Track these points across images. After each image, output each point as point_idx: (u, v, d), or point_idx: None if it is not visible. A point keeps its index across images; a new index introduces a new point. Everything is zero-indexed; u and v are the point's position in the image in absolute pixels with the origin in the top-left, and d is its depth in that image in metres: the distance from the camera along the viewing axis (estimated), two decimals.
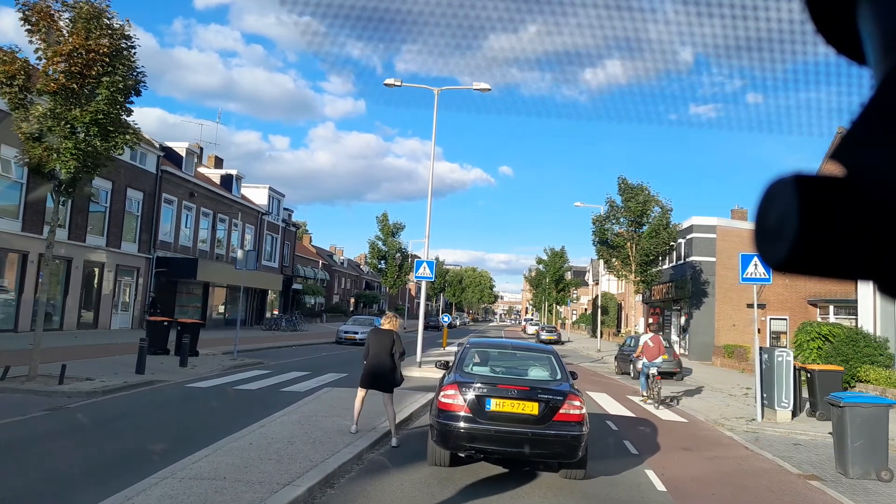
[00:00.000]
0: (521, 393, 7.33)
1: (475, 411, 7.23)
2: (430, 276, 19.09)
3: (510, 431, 7.16)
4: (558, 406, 7.24)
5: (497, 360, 8.96)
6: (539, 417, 7.20)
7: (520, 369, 8.66)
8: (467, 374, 7.93)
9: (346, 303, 76.18)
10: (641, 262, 27.48)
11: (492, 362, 8.75)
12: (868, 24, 0.63)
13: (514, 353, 9.67)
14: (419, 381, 17.15)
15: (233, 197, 39.46)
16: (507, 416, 7.23)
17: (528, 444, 7.15)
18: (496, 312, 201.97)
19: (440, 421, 7.30)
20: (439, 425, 7.30)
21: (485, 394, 7.31)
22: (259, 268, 43.25)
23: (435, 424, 7.42)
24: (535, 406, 7.23)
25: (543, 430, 7.15)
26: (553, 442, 7.17)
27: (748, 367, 26.41)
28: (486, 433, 7.15)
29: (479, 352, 8.97)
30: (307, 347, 28.18)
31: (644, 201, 26.92)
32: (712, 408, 15.45)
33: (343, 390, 13.43)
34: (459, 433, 7.18)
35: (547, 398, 7.29)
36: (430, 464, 7.82)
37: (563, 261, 56.86)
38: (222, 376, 16.06)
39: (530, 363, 8.83)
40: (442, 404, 7.37)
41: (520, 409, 7.24)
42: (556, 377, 8.15)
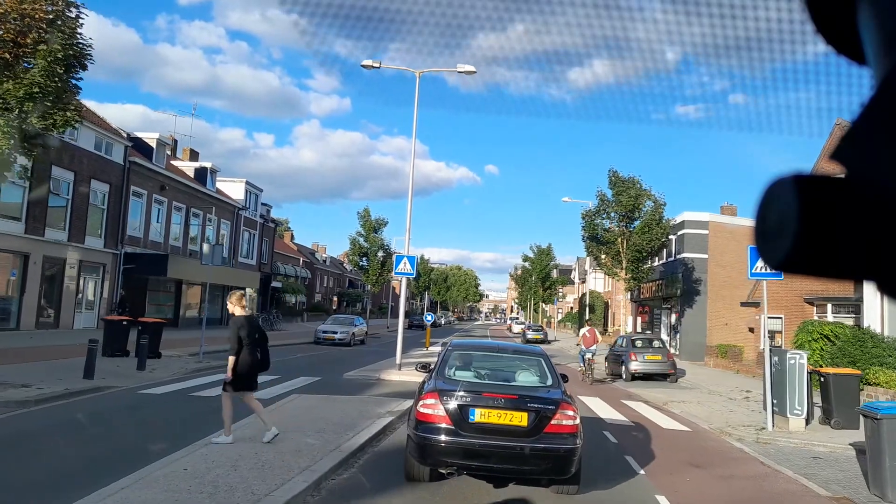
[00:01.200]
0: (508, 402, 6.55)
1: (457, 423, 6.46)
2: (411, 272, 17.81)
3: (497, 445, 6.40)
4: (550, 416, 6.50)
5: (482, 363, 8.13)
6: (529, 429, 6.44)
7: (507, 373, 7.83)
8: (449, 379, 7.16)
9: (328, 301, 74.63)
10: (632, 259, 26.34)
11: (476, 366, 7.92)
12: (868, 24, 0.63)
13: (501, 355, 8.78)
14: (398, 385, 15.84)
15: (207, 191, 37.90)
16: (493, 429, 6.47)
17: (516, 460, 6.43)
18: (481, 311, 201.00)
19: (418, 433, 6.53)
20: (417, 438, 6.54)
21: (468, 403, 6.54)
22: (235, 265, 41.78)
23: (412, 437, 6.65)
24: (525, 416, 6.48)
25: (533, 443, 6.38)
26: (544, 456, 6.42)
27: (744, 368, 25.37)
28: (470, 447, 6.39)
29: (462, 354, 8.20)
30: (282, 348, 26.75)
31: (636, 195, 25.79)
32: (714, 414, 14.29)
33: (311, 398, 12.10)
34: (440, 448, 6.45)
35: (537, 407, 6.54)
36: (408, 479, 7.07)
37: (549, 258, 55.72)
38: (182, 381, 14.67)
39: (518, 366, 8.01)
40: (420, 415, 6.59)
41: (507, 421, 6.49)
42: (547, 382, 7.45)
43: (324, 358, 23.49)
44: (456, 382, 6.95)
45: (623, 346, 22.71)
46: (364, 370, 17.86)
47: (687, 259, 32.00)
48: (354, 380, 16.42)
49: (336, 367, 19.00)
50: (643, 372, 21.42)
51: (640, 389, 18.97)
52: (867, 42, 0.64)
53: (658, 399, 16.78)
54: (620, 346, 23.08)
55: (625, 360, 21.66)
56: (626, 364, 21.47)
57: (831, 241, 0.56)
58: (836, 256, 0.57)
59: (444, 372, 7.41)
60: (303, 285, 64.15)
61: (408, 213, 18.23)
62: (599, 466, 8.64)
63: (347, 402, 11.79)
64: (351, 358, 23.37)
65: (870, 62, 0.65)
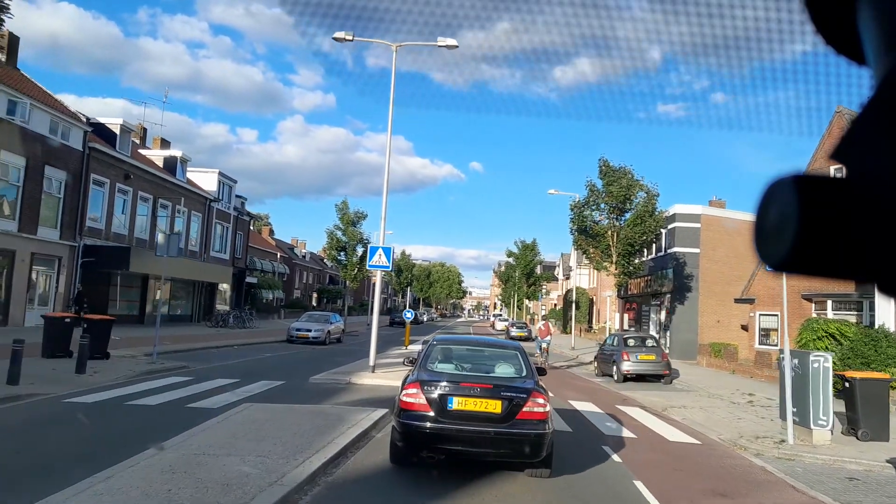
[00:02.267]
0: (483, 391, 7.04)
1: (437, 410, 6.96)
2: (387, 265, 16.21)
3: (473, 431, 6.90)
4: (522, 404, 6.95)
5: (463, 357, 8.54)
6: (502, 416, 6.93)
7: (486, 366, 8.27)
8: (430, 371, 7.62)
9: (307, 298, 72.74)
10: (623, 253, 24.88)
11: (457, 360, 8.32)
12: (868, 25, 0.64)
13: (482, 349, 9.20)
14: (369, 391, 14.22)
15: (177, 181, 35.95)
16: (469, 415, 6.95)
17: (491, 444, 6.97)
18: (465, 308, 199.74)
19: (401, 420, 7.09)
20: (401, 426, 7.10)
21: (447, 392, 7.03)
22: (206, 259, 39.89)
23: (397, 425, 7.21)
24: (499, 404, 6.95)
25: (507, 428, 6.89)
26: (516, 440, 6.91)
27: (740, 368, 24.05)
28: (449, 433, 6.90)
29: (444, 349, 8.65)
30: (252, 347, 25.05)
31: (627, 185, 24.33)
32: (722, 422, 12.85)
33: (266, 408, 10.46)
34: (421, 433, 6.95)
35: (510, 396, 7.01)
36: (392, 462, 7.63)
37: (534, 254, 54.26)
38: (125, 386, 12.95)
39: (497, 360, 8.43)
40: (404, 403, 7.13)
41: (482, 408, 6.97)
42: (522, 374, 7.84)
43: (294, 358, 21.81)
44: (436, 374, 7.46)
45: (614, 345, 21.28)
46: (334, 373, 16.23)
47: (678, 253, 30.67)
48: (321, 384, 14.79)
49: (304, 369, 17.36)
50: (636, 373, 20.01)
51: (635, 392, 17.53)
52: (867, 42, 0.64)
53: (656, 404, 15.34)
54: (611, 345, 21.64)
55: (616, 360, 20.23)
56: (618, 364, 20.03)
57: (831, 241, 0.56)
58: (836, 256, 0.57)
59: (426, 365, 7.85)
60: (280, 281, 62.25)
61: (383, 200, 16.65)
62: (606, 495, 7.11)
63: (306, 413, 10.17)
64: (323, 358, 21.73)
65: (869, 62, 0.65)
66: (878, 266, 0.57)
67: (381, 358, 21.46)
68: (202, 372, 15.95)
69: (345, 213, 37.87)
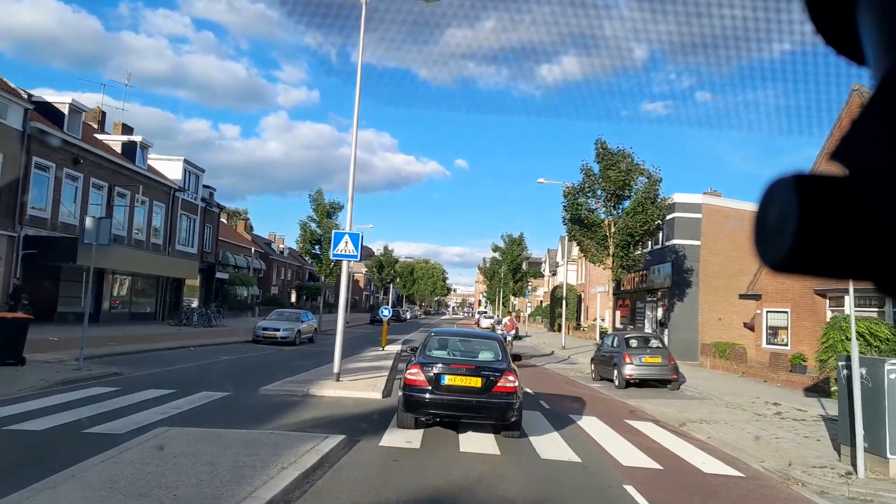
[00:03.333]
0: (468, 370, 9.25)
1: (433, 385, 9.14)
2: (354, 255, 13.78)
3: (460, 399, 9.10)
4: (496, 380, 9.12)
5: (454, 346, 10.76)
6: (481, 389, 9.09)
7: (471, 353, 10.49)
8: (428, 356, 9.89)
9: (285, 295, 69.99)
10: (622, 244, 22.57)
11: (450, 347, 10.61)
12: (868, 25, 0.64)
13: (469, 340, 11.31)
14: (330, 406, 11.77)
15: (136, 168, 33.22)
16: (457, 388, 9.13)
17: (473, 409, 9.14)
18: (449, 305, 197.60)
19: (407, 393, 9.23)
20: (406, 396, 9.23)
21: (441, 371, 9.22)
22: (171, 252, 37.18)
23: (402, 396, 9.33)
24: (479, 380, 9.13)
25: (485, 398, 9.07)
26: (492, 407, 9.08)
27: (750, 371, 21.87)
28: (441, 401, 9.09)
29: (439, 339, 10.91)
30: (211, 348, 22.50)
31: (627, 170, 22.04)
32: (758, 443, 10.57)
33: (184, 435, 8.00)
34: (421, 401, 9.13)
35: (488, 374, 9.21)
36: (399, 426, 9.63)
37: (521, 248, 51.85)
38: (23, 401, 10.42)
39: (480, 348, 10.71)
40: (408, 380, 9.29)
41: (467, 383, 9.14)
42: (499, 359, 10.06)
43: (253, 362, 19.31)
44: (433, 358, 9.76)
45: (614, 346, 18.99)
46: (291, 382, 13.76)
47: (677, 246, 28.47)
48: (273, 396, 12.33)
49: (260, 376, 14.90)
50: (640, 377, 17.75)
51: (642, 401, 15.27)
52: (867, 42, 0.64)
53: (670, 417, 13.07)
54: (611, 346, 19.35)
55: (617, 363, 17.94)
56: (620, 367, 17.75)
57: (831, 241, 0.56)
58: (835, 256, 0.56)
59: (426, 351, 10.15)
60: (255, 277, 59.53)
61: (351, 176, 14.17)
62: None
63: (234, 442, 7.73)
64: (287, 362, 19.26)
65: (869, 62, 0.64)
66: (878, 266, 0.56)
67: (353, 361, 19.03)
68: (135, 380, 13.43)
69: (319, 203, 35.37)
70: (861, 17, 0.64)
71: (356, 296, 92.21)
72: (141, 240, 34.11)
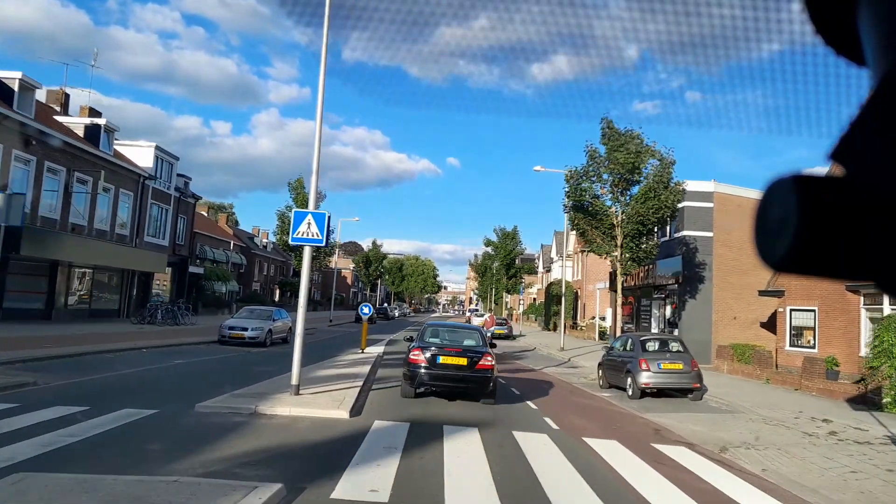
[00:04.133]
0: (457, 352, 12.41)
1: (430, 363, 12.12)
2: (319, 239, 11.25)
3: (450, 374, 12.19)
4: (478, 360, 12.24)
5: (445, 334, 13.96)
6: (467, 366, 12.19)
7: (459, 339, 13.61)
8: (426, 342, 12.92)
9: (267, 291, 67.27)
10: (632, 234, 20.06)
11: (442, 335, 13.81)
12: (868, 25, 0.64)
13: (456, 330, 14.75)
14: (280, 429, 9.20)
15: (100, 153, 30.47)
16: (448, 365, 12.20)
17: (460, 382, 12.26)
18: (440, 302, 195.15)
19: (410, 369, 12.23)
20: (409, 372, 12.25)
21: (435, 353, 12.26)
22: (139, 244, 34.51)
23: (406, 372, 12.36)
24: (465, 360, 12.25)
25: (470, 373, 12.17)
26: (475, 380, 12.18)
27: (777, 377, 19.50)
28: (436, 375, 12.13)
29: (433, 329, 14.09)
30: (166, 350, 19.92)
31: (636, 152, 19.58)
32: (835, 480, 8.14)
33: (53, 482, 5.47)
34: (420, 375, 12.09)
35: (472, 355, 12.33)
36: (402, 397, 12.44)
37: (514, 242, 49.27)
38: None
39: (465, 336, 13.94)
40: (411, 360, 12.30)
41: (456, 361, 12.26)
42: (480, 344, 13.17)
43: (208, 367, 16.77)
44: (430, 343, 12.88)
45: (627, 349, 16.55)
46: (240, 395, 11.20)
47: (688, 238, 26.06)
48: (211, 415, 9.79)
49: (208, 386, 12.37)
50: (658, 386, 15.36)
51: (664, 416, 12.87)
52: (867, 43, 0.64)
53: (705, 438, 10.67)
54: (623, 349, 16.92)
55: (632, 370, 15.51)
56: (634, 375, 15.32)
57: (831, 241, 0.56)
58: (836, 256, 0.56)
59: (424, 338, 13.23)
60: (236, 273, 56.85)
61: (317, 130, 11.59)
62: None
63: (118, 498, 5.21)
64: (250, 367, 16.75)
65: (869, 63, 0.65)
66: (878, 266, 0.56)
67: (324, 367, 16.51)
68: (45, 393, 10.87)
69: (299, 192, 32.77)
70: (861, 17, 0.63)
71: (343, 293, 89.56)
72: (104, 230, 31.40)
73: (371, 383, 14.30)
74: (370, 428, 9.52)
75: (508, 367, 21.60)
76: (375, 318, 58.31)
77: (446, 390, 12.54)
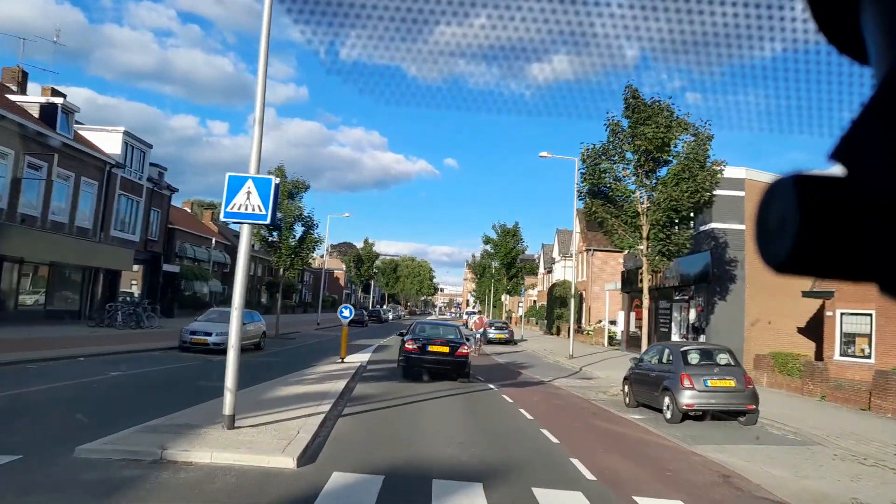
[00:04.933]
0: (441, 342, 16.42)
1: (421, 350, 16.12)
2: (262, 214, 8.15)
3: (436, 359, 16.14)
4: (457, 348, 16.38)
5: (432, 330, 17.86)
6: (449, 353, 16.22)
7: (442, 333, 17.48)
8: (417, 334, 16.90)
9: (255, 292, 64.06)
10: (663, 223, 16.93)
11: (429, 331, 17.64)
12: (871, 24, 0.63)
13: (438, 326, 18.88)
14: (183, 495, 6.04)
15: (58, 136, 27.32)
16: (435, 353, 16.17)
17: (444, 364, 16.18)
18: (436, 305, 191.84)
19: (406, 356, 16.19)
20: (404, 357, 16.32)
21: (425, 343, 16.30)
22: (104, 239, 31.34)
23: (402, 358, 16.54)
24: (448, 348, 16.30)
25: (451, 358, 16.21)
26: (455, 363, 16.26)
27: (835, 394, 16.42)
28: (425, 360, 16.08)
29: (421, 326, 18.26)
30: (111, 359, 16.80)
31: (666, 126, 16.52)
32: None
33: None
34: (413, 360, 16.12)
35: (452, 345, 16.43)
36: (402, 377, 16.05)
37: (516, 240, 46.00)
38: None
39: (447, 331, 17.87)
40: (406, 348, 16.23)
41: (441, 350, 16.26)
42: (458, 337, 17.25)
43: (148, 382, 13.67)
44: (421, 335, 16.72)
45: (663, 361, 13.49)
46: (152, 429, 8.05)
47: (716, 231, 23.01)
48: (94, 465, 6.68)
49: (120, 414, 9.31)
50: (705, 408, 12.30)
51: (718, 449, 9.88)
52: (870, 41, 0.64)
53: (795, 491, 7.69)
54: (657, 361, 13.85)
55: (670, 387, 12.44)
56: (675, 393, 12.25)
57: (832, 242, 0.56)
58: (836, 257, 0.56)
59: (415, 332, 17.23)
60: (220, 272, 53.73)
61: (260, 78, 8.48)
62: None
63: None
64: (198, 380, 13.68)
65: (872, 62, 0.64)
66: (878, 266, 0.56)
67: (287, 384, 13.40)
68: None
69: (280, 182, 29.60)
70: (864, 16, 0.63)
71: (335, 294, 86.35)
72: (61, 222, 28.21)
73: (343, 406, 11.19)
74: (324, 486, 6.44)
75: (514, 380, 18.50)
76: (367, 321, 55.15)
77: (433, 371, 16.15)
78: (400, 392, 13.73)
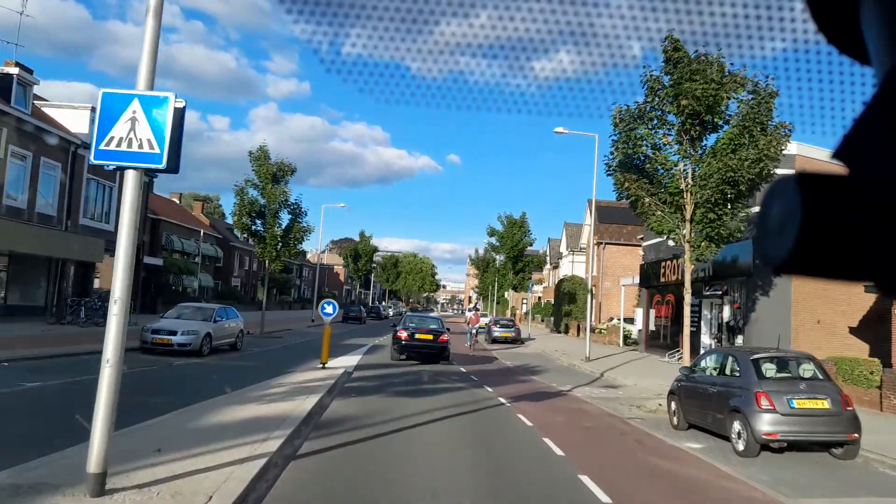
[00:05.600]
0: (426, 331, 20.67)
1: (409, 337, 20.16)
2: (156, 154, 5.15)
3: (422, 344, 20.23)
4: (439, 336, 20.47)
5: (418, 321, 22.13)
6: (433, 341, 20.31)
7: (427, 324, 21.79)
8: (407, 325, 20.85)
9: (250, 287, 61.21)
10: (713, 201, 13.73)
11: (416, 322, 21.84)
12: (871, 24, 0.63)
13: (425, 318, 23.84)
14: None
15: (13, 110, 24.34)
16: (421, 340, 20.27)
17: (429, 349, 20.20)
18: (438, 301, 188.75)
19: (397, 341, 20.30)
20: (396, 344, 20.37)
21: (413, 332, 20.40)
22: (71, 227, 28.34)
23: (394, 344, 20.48)
24: (431, 336, 20.43)
25: (434, 344, 20.30)
26: (437, 348, 20.35)
27: None
28: (413, 346, 20.16)
29: (410, 318, 22.52)
30: (46, 363, 13.90)
31: (717, 83, 13.40)
32: None
33: None
34: (404, 346, 20.10)
35: (435, 333, 20.58)
36: (391, 360, 20.05)
37: (523, 232, 42.89)
38: None
39: (431, 322, 22.21)
40: (398, 336, 20.31)
41: (426, 338, 20.34)
42: (441, 327, 21.29)
43: (54, 400, 10.71)
44: (410, 326, 20.96)
45: (728, 373, 10.47)
46: None
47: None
48: None
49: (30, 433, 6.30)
50: (791, 438, 9.29)
51: None
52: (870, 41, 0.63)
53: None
54: (717, 373, 10.84)
55: (742, 408, 9.43)
56: (748, 417, 9.24)
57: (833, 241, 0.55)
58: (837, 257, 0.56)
59: (405, 323, 21.22)
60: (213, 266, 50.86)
61: None
62: None
63: None
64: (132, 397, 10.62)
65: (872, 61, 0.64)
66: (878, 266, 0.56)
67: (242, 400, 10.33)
68: None
69: (263, 163, 26.53)
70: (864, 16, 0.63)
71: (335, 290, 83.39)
72: (19, 208, 25.25)
73: (304, 438, 8.15)
74: None
75: (528, 392, 15.40)
76: (365, 318, 52.28)
77: (420, 355, 20.03)
78: (386, 412, 10.70)
